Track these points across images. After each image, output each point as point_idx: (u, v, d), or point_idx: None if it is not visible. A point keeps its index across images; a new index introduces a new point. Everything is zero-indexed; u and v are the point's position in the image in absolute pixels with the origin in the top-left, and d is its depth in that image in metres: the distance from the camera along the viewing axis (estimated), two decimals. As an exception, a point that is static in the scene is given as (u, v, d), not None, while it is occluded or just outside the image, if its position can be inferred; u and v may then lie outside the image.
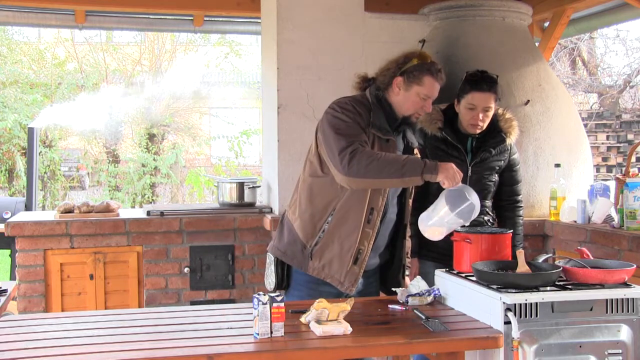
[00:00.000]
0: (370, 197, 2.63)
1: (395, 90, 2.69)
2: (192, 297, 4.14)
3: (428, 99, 2.69)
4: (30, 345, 2.08)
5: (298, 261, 2.73)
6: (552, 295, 2.28)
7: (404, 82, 2.67)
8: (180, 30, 6.51)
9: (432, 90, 2.69)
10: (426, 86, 2.67)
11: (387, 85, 2.70)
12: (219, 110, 14.06)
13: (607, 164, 13.18)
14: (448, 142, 3.18)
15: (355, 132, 2.56)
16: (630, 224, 3.34)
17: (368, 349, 2.16)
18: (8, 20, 5.68)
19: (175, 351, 2.04)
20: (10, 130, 11.17)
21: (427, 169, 2.47)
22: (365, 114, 2.64)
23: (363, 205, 2.63)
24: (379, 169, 2.46)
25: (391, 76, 2.69)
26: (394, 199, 2.77)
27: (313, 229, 2.69)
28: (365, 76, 2.82)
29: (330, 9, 4.24)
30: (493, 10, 4.28)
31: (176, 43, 13.43)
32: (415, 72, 2.66)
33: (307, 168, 2.76)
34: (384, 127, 2.66)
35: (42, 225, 3.93)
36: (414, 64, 2.67)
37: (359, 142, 2.52)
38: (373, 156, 2.47)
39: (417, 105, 2.69)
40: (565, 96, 4.37)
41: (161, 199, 12.25)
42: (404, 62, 2.69)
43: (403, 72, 2.67)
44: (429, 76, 2.67)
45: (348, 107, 2.64)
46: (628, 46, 14.63)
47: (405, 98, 2.68)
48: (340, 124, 2.58)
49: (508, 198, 3.32)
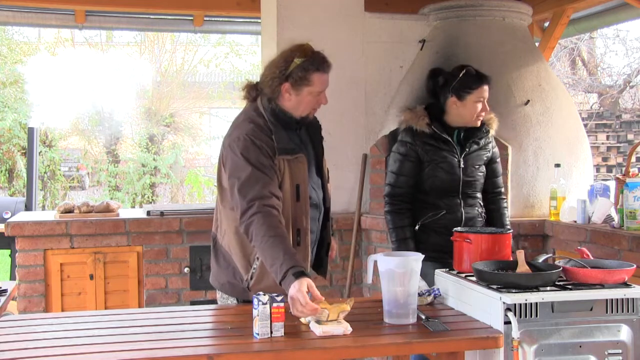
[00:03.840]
0: (294, 219, 2.55)
1: (286, 97, 2.56)
2: (192, 297, 4.14)
3: (321, 93, 2.60)
4: (30, 345, 2.08)
5: (238, 293, 2.64)
6: (552, 295, 2.28)
7: (292, 86, 2.54)
8: (180, 30, 6.52)
9: (323, 85, 2.58)
10: (316, 83, 2.55)
11: (276, 93, 2.56)
12: (219, 110, 14.06)
13: (607, 164, 13.18)
14: (437, 136, 3.18)
15: (257, 186, 2.43)
16: (630, 224, 3.34)
17: (368, 349, 2.16)
18: (8, 20, 5.68)
19: (175, 351, 2.04)
20: (10, 130, 11.17)
21: (284, 281, 2.29)
22: (267, 143, 2.51)
23: (289, 229, 2.52)
24: (261, 250, 2.39)
25: (278, 84, 2.54)
26: (320, 191, 2.73)
27: (247, 260, 2.57)
28: (251, 84, 2.67)
29: (330, 9, 4.25)
30: (493, 10, 4.28)
31: (176, 43, 13.42)
32: (301, 73, 2.52)
33: (223, 195, 2.61)
34: (289, 147, 2.55)
35: (42, 225, 3.93)
36: (296, 65, 2.53)
37: (258, 204, 2.41)
38: (262, 236, 2.37)
39: (313, 103, 2.60)
40: (565, 96, 4.37)
41: (161, 199, 12.26)
42: (286, 66, 2.54)
43: (288, 77, 2.53)
44: (316, 72, 2.54)
45: (249, 149, 2.49)
46: (628, 46, 14.64)
47: (298, 101, 2.57)
48: (242, 176, 2.47)
49: (493, 190, 3.34)
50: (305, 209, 2.59)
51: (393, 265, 2.33)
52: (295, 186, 2.56)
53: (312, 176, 2.69)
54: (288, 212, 2.55)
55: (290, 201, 2.56)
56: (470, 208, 3.23)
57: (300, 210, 2.58)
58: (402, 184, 3.18)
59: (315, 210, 2.71)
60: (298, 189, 2.56)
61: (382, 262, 2.36)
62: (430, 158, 3.17)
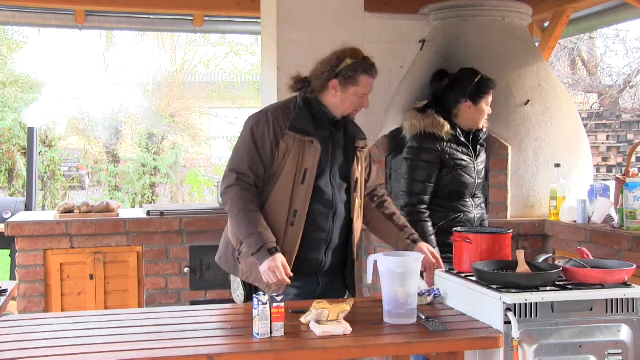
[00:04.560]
0: (292, 199, 2.63)
1: (332, 93, 2.69)
2: (192, 297, 4.14)
3: (365, 96, 2.72)
4: (30, 345, 2.08)
5: (230, 265, 2.78)
6: (552, 295, 2.28)
7: (340, 84, 2.67)
8: (180, 30, 6.51)
9: (369, 88, 2.72)
10: (362, 85, 2.68)
11: (323, 88, 2.69)
12: (219, 110, 14.06)
13: (607, 164, 13.18)
14: (458, 141, 3.25)
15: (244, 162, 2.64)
16: (630, 224, 3.34)
17: (368, 349, 2.16)
18: (8, 20, 5.68)
19: (175, 351, 2.04)
20: (11, 130, 11.17)
21: (257, 255, 2.56)
22: (281, 121, 2.66)
23: (285, 208, 2.63)
24: (236, 220, 2.63)
25: (326, 79, 2.68)
26: (341, 194, 2.75)
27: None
28: (299, 77, 2.79)
29: (330, 9, 4.24)
30: (493, 10, 4.28)
31: (176, 43, 13.43)
32: (350, 73, 2.66)
33: None
34: (305, 130, 2.65)
35: (42, 225, 3.93)
36: (347, 65, 2.67)
37: (238, 178, 2.62)
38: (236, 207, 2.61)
39: (356, 104, 2.72)
40: (565, 96, 4.36)
41: (161, 199, 12.26)
42: (338, 64, 2.68)
43: (338, 74, 2.67)
44: (364, 75, 2.68)
45: (260, 123, 2.68)
46: (628, 46, 14.64)
47: (343, 99, 2.69)
48: (240, 148, 2.70)
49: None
50: (307, 193, 2.64)
51: (393, 265, 2.33)
52: (303, 169, 2.62)
53: (333, 175, 2.72)
54: (287, 190, 2.63)
55: (293, 181, 2.63)
56: (479, 208, 3.31)
57: (302, 193, 2.64)
58: (429, 192, 3.20)
59: (329, 209, 2.71)
60: (305, 173, 2.62)
61: (382, 262, 2.36)
62: (453, 164, 3.22)
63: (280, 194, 2.64)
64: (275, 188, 2.65)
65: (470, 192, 3.27)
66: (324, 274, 2.77)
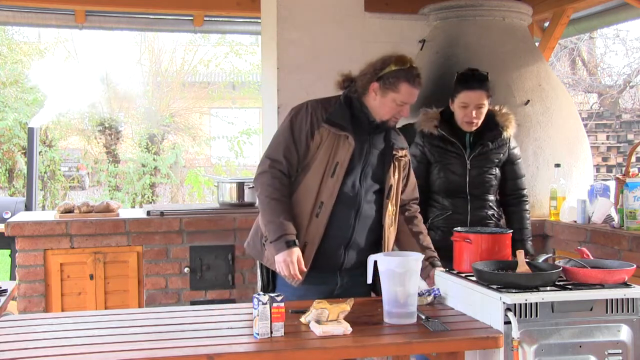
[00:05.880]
0: (320, 191, 2.65)
1: (372, 95, 2.69)
2: (192, 297, 4.14)
3: (404, 104, 2.68)
4: (30, 345, 2.08)
5: (257, 251, 2.81)
6: (552, 295, 2.28)
7: (380, 88, 2.66)
8: (180, 30, 6.52)
9: (409, 97, 2.67)
10: (402, 93, 2.65)
11: (365, 89, 2.70)
12: (219, 110, 14.05)
13: (607, 164, 13.19)
14: (445, 138, 3.26)
15: (279, 150, 2.70)
16: (630, 224, 3.34)
17: (368, 349, 2.16)
18: (8, 20, 5.68)
19: (175, 351, 2.04)
20: (11, 129, 11.16)
21: (275, 243, 2.60)
22: (318, 114, 2.69)
23: (312, 198, 2.65)
24: (263, 205, 2.68)
25: (368, 81, 2.68)
26: (368, 195, 2.74)
27: None
28: (348, 75, 2.81)
29: (330, 9, 4.25)
30: (493, 10, 4.28)
31: (176, 43, 13.43)
32: (392, 79, 2.64)
33: None
34: (341, 124, 2.67)
35: (42, 225, 3.93)
36: (391, 70, 2.65)
37: (271, 165, 2.68)
38: (264, 193, 2.67)
39: (394, 111, 2.69)
40: (565, 96, 4.37)
41: (161, 199, 12.25)
42: (382, 67, 2.67)
43: (380, 78, 2.66)
44: (405, 83, 2.64)
45: (300, 113, 2.72)
46: (628, 46, 14.65)
47: (381, 104, 2.68)
48: (278, 137, 2.75)
49: (512, 192, 3.38)
50: (335, 187, 2.65)
51: (393, 265, 2.33)
52: (334, 163, 2.64)
53: (364, 175, 2.72)
54: (316, 181, 2.65)
55: (323, 173, 2.65)
56: (479, 210, 3.27)
57: (330, 186, 2.65)
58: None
59: (351, 207, 2.70)
60: (336, 167, 2.64)
61: (382, 262, 2.36)
62: (437, 159, 3.26)
63: (309, 184, 2.66)
64: (306, 178, 2.68)
65: (462, 191, 3.24)
66: (344, 272, 2.76)
